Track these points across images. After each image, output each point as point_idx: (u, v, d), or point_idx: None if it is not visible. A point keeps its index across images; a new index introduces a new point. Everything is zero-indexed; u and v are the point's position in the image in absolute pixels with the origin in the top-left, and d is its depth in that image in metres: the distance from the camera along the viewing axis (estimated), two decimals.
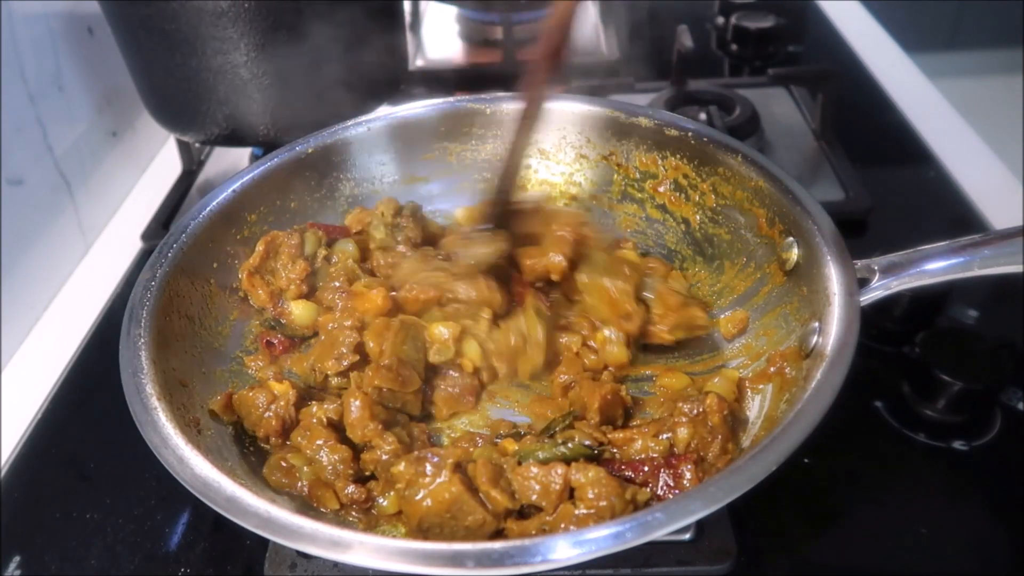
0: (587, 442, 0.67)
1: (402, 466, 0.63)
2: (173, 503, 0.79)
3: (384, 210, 0.91)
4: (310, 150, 0.92)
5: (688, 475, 0.62)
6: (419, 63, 1.54)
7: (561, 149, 0.97)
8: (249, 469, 0.68)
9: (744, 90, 1.30)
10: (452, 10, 1.66)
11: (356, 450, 0.69)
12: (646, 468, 0.64)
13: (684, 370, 0.78)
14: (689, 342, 0.81)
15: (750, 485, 0.52)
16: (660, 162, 0.91)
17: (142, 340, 0.68)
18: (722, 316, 0.82)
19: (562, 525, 0.59)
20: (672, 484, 0.63)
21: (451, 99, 0.98)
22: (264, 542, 0.71)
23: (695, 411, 0.67)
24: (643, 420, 0.73)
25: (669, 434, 0.67)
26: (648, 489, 0.62)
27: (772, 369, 0.71)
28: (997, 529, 0.73)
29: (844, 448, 0.79)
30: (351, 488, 0.66)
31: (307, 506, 0.66)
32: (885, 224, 1.08)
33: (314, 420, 0.70)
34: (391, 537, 0.61)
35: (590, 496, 0.60)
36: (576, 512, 0.60)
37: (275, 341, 0.81)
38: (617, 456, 0.67)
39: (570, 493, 0.62)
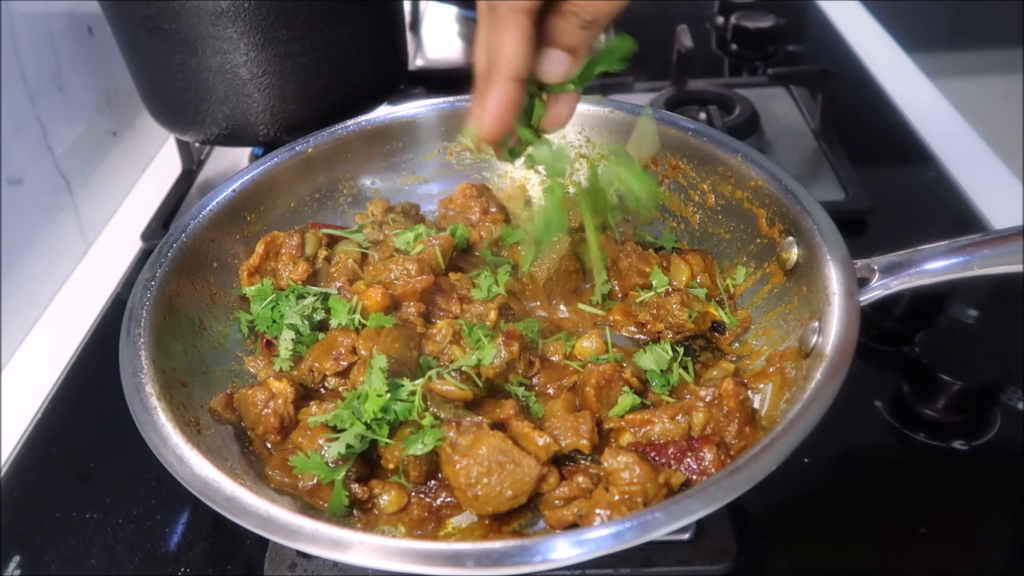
0: None
1: (441, 430, 0.65)
2: (173, 503, 0.79)
3: (374, 210, 0.92)
4: (310, 150, 0.92)
5: (709, 456, 0.63)
6: (419, 63, 1.54)
7: None
8: (249, 468, 0.68)
9: (744, 90, 1.30)
10: (452, 10, 1.66)
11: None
12: (671, 450, 0.64)
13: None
14: (691, 340, 0.81)
15: (750, 485, 0.52)
16: (660, 162, 0.91)
17: (142, 340, 0.69)
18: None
19: (597, 511, 0.60)
20: (696, 467, 0.63)
21: (451, 99, 0.98)
22: (264, 542, 0.71)
23: (711, 396, 0.67)
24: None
25: (685, 416, 0.67)
26: (683, 471, 0.63)
27: (772, 369, 0.71)
28: (997, 529, 0.73)
29: (844, 448, 0.79)
30: (354, 487, 0.66)
31: (307, 506, 0.66)
32: (885, 224, 1.08)
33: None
34: (391, 537, 0.61)
35: (623, 479, 0.60)
36: (610, 497, 0.60)
37: (275, 341, 0.81)
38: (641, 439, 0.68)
39: (603, 479, 0.63)
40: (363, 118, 0.96)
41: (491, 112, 0.62)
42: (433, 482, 0.68)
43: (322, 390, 0.77)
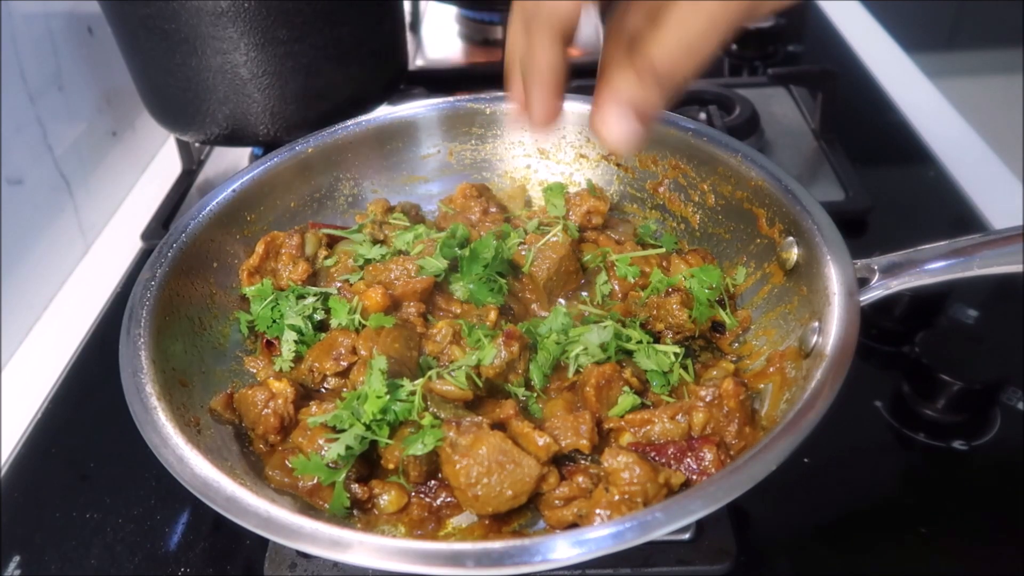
0: None
1: (441, 430, 0.65)
2: (173, 503, 0.79)
3: (374, 210, 0.92)
4: (310, 150, 0.92)
5: (709, 456, 0.63)
6: (419, 63, 1.54)
7: (561, 149, 0.97)
8: (249, 468, 0.68)
9: (744, 90, 1.29)
10: (452, 10, 1.66)
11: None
12: (671, 450, 0.64)
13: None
14: (691, 340, 0.81)
15: (750, 485, 0.52)
16: (660, 162, 0.91)
17: (142, 340, 0.69)
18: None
19: (597, 511, 0.60)
20: (696, 467, 0.63)
21: (451, 99, 0.98)
22: (264, 542, 0.71)
23: (711, 396, 0.67)
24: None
25: (685, 416, 0.67)
26: (683, 471, 0.63)
27: (772, 369, 0.71)
28: (997, 529, 0.73)
29: (844, 448, 0.79)
30: (354, 487, 0.66)
31: (307, 506, 0.66)
32: (885, 224, 1.08)
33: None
34: (391, 537, 0.61)
35: (624, 479, 0.60)
36: (610, 497, 0.60)
37: (275, 341, 0.81)
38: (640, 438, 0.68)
39: (603, 479, 0.63)
40: (363, 118, 0.96)
41: (537, 116, 0.59)
42: (433, 482, 0.68)
43: (322, 390, 0.77)
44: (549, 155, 0.98)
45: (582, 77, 1.39)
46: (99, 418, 0.90)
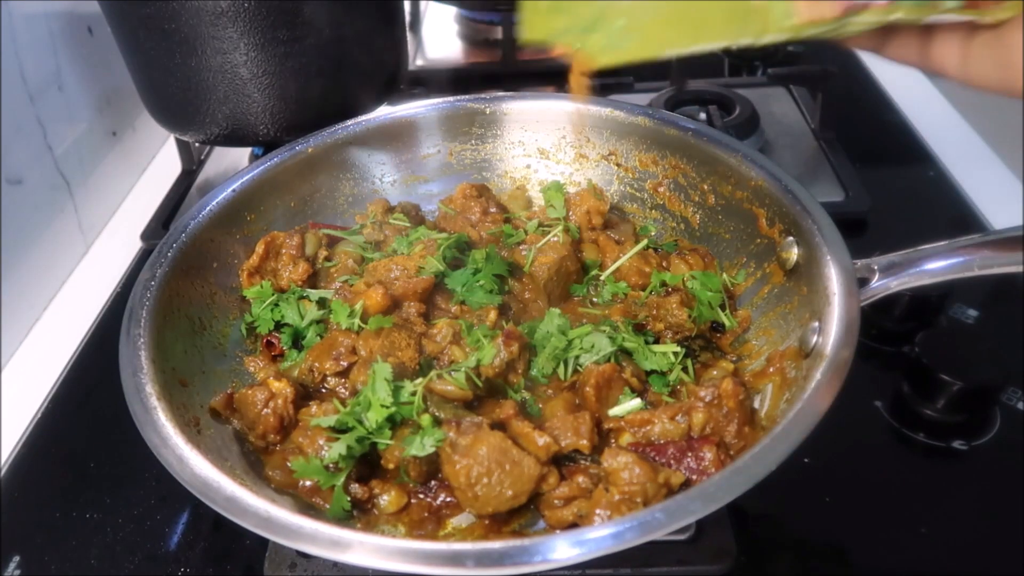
0: None
1: (442, 431, 0.65)
2: (173, 503, 0.79)
3: (374, 210, 0.92)
4: (310, 150, 0.92)
5: (709, 456, 0.63)
6: (419, 63, 1.54)
7: (561, 149, 0.97)
8: (249, 468, 0.68)
9: (744, 90, 1.29)
10: (452, 10, 1.66)
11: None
12: (671, 450, 0.64)
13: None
14: (690, 340, 0.81)
15: (750, 485, 0.52)
16: (660, 162, 0.91)
17: (142, 340, 0.69)
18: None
19: (597, 511, 0.60)
20: (696, 467, 0.63)
21: (451, 99, 0.98)
22: (264, 542, 0.71)
23: (710, 396, 0.67)
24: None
25: (685, 416, 0.67)
26: (683, 471, 0.63)
27: (772, 369, 0.71)
28: (997, 529, 0.73)
29: (844, 448, 0.79)
30: (354, 487, 0.66)
31: (307, 506, 0.66)
32: (885, 224, 1.08)
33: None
34: (391, 537, 0.61)
35: (623, 479, 0.60)
36: (610, 497, 0.60)
37: (275, 341, 0.81)
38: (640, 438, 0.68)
39: (603, 479, 0.63)
40: (363, 118, 0.96)
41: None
42: (433, 482, 0.68)
43: (322, 390, 0.77)
44: (549, 155, 0.98)
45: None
46: (99, 418, 0.90)
